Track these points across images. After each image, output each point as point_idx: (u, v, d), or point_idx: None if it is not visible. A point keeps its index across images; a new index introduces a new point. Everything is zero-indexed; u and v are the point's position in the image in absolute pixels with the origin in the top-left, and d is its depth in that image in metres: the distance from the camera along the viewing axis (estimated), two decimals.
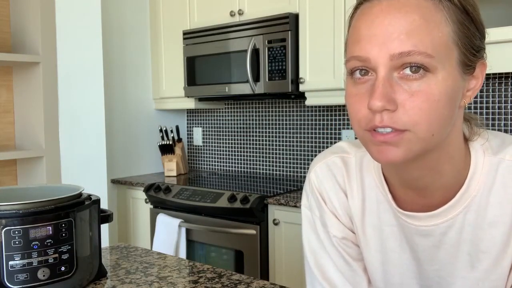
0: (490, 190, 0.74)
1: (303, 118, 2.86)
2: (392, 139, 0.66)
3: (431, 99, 0.64)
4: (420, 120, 0.64)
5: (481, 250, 0.76)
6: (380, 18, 0.65)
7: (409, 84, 0.65)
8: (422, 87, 0.64)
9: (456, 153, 0.74)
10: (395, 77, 0.65)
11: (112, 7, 3.00)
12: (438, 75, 0.65)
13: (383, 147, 0.67)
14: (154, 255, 1.36)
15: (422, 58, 0.63)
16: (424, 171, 0.74)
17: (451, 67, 0.66)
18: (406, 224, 0.80)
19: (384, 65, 0.65)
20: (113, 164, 3.01)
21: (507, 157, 0.74)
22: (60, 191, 1.13)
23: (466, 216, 0.76)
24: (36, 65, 2.28)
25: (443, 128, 0.67)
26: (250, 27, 2.59)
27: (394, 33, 0.64)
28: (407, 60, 0.64)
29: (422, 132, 0.65)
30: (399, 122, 0.65)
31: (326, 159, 0.90)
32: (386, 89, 0.64)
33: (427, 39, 0.64)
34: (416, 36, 0.63)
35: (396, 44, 0.64)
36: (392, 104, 0.64)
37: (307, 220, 0.92)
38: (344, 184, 0.87)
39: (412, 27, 0.64)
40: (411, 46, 0.63)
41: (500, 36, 1.81)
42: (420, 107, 0.64)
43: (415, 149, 0.67)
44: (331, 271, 0.89)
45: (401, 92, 0.65)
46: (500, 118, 2.22)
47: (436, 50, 0.64)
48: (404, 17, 0.64)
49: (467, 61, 0.68)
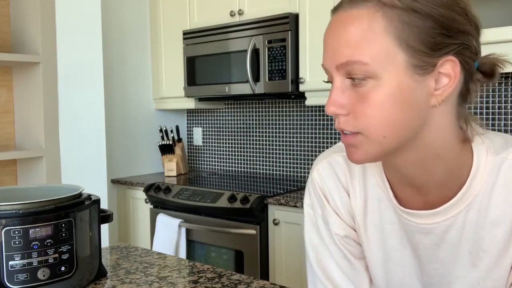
0: (492, 189, 0.75)
1: (303, 118, 2.86)
2: (351, 141, 0.72)
3: (373, 104, 0.68)
4: (368, 124, 0.69)
5: (482, 249, 0.76)
6: (330, 32, 0.72)
7: (356, 90, 0.70)
8: (366, 92, 0.69)
9: (445, 152, 0.74)
10: (348, 84, 0.70)
11: (112, 7, 3.00)
12: (380, 81, 0.68)
13: (348, 149, 0.74)
14: (154, 255, 1.36)
15: (359, 67, 0.68)
16: (416, 170, 0.75)
17: (396, 71, 0.67)
18: (407, 222, 0.80)
19: (335, 74, 0.71)
20: (113, 164, 3.01)
21: (510, 157, 0.74)
22: (60, 191, 1.13)
23: (468, 215, 0.76)
24: (36, 65, 2.28)
25: (397, 131, 0.69)
26: (250, 27, 2.59)
27: (337, 46, 0.70)
28: (348, 69, 0.69)
29: (372, 135, 0.70)
30: (350, 125, 0.71)
31: (328, 158, 0.90)
32: (336, 96, 0.70)
33: (364, 48, 0.67)
34: (352, 46, 0.68)
35: (338, 55, 0.70)
36: (342, 109, 0.70)
37: (309, 219, 0.93)
38: (346, 182, 0.88)
39: (350, 39, 0.68)
40: (347, 56, 0.68)
41: (500, 36, 1.81)
42: (365, 112, 0.69)
43: (372, 151, 0.71)
44: (333, 270, 0.89)
45: (351, 97, 0.70)
46: (500, 118, 2.22)
47: (374, 57, 0.67)
48: (345, 29, 0.69)
49: (419, 62, 0.67)
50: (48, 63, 2.28)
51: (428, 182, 0.76)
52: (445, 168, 0.75)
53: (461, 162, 0.76)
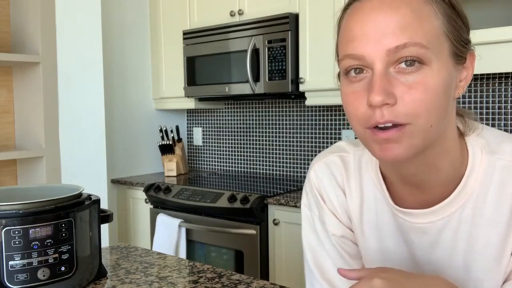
0: (487, 189, 0.75)
1: (303, 118, 2.86)
2: (394, 135, 0.66)
3: (428, 90, 0.65)
4: (420, 111, 0.65)
5: (476, 250, 0.76)
6: (372, 16, 0.67)
7: (406, 77, 0.66)
8: (419, 79, 0.65)
9: (452, 147, 0.75)
10: (392, 72, 0.66)
11: (112, 7, 3.00)
12: (433, 67, 0.66)
13: (385, 145, 0.67)
14: (154, 255, 1.36)
15: (418, 50, 0.65)
16: (421, 167, 0.74)
17: (444, 59, 0.67)
18: (403, 222, 0.80)
19: (381, 60, 0.66)
20: (113, 164, 3.01)
21: (506, 157, 0.74)
22: (60, 191, 1.13)
23: (463, 214, 0.76)
24: (36, 65, 2.28)
25: (441, 119, 0.69)
26: (250, 27, 2.59)
27: (388, 29, 0.65)
28: (403, 53, 0.65)
29: (422, 123, 0.66)
30: (400, 115, 0.65)
31: (325, 159, 0.90)
32: (384, 84, 0.65)
33: (420, 32, 0.65)
34: (409, 29, 0.65)
35: (391, 39, 0.65)
36: (391, 97, 0.65)
37: (307, 219, 0.93)
38: (343, 183, 0.88)
39: (404, 21, 0.65)
40: (406, 38, 0.65)
41: (499, 36, 1.81)
42: (419, 99, 0.65)
43: (416, 143, 0.67)
44: (330, 270, 0.89)
45: (398, 85, 0.66)
46: (500, 118, 2.22)
47: (429, 41, 0.66)
48: (395, 12, 0.65)
49: (458, 52, 0.70)
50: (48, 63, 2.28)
51: (431, 179, 0.76)
52: (450, 164, 0.75)
53: (461, 159, 0.76)
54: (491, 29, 1.83)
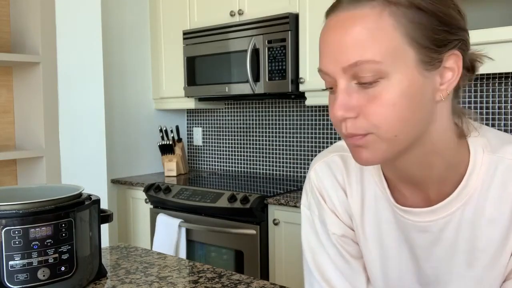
0: (488, 188, 0.75)
1: (303, 118, 2.86)
2: (359, 142, 0.70)
3: (385, 104, 0.67)
4: (379, 124, 0.68)
5: (478, 248, 0.76)
6: (331, 35, 0.70)
7: (365, 91, 0.68)
8: (376, 92, 0.67)
9: (445, 146, 0.74)
10: (353, 86, 0.69)
11: (112, 7, 3.00)
12: (392, 79, 0.67)
13: (356, 149, 0.72)
14: (154, 255, 1.36)
15: (370, 66, 0.66)
16: (415, 166, 0.75)
17: (406, 68, 0.67)
18: (404, 220, 0.81)
19: (340, 77, 0.69)
20: (113, 164, 3.01)
21: (507, 156, 0.74)
22: (60, 191, 1.13)
23: (464, 213, 0.76)
24: (36, 65, 2.28)
25: (408, 128, 0.69)
26: (250, 27, 2.59)
27: (342, 47, 0.68)
28: (357, 70, 0.67)
29: (383, 134, 0.69)
30: (360, 128, 0.69)
31: (325, 158, 0.90)
32: (344, 100, 0.69)
33: (374, 47, 0.66)
34: (360, 47, 0.67)
35: (344, 57, 0.68)
36: (351, 112, 0.68)
37: (307, 219, 0.93)
38: (343, 182, 0.88)
39: (356, 39, 0.67)
40: (357, 57, 0.67)
41: (500, 36, 1.81)
42: (377, 112, 0.67)
43: (383, 150, 0.70)
44: (330, 270, 0.89)
45: (359, 99, 0.68)
46: (500, 118, 2.22)
47: (384, 56, 0.66)
48: (349, 30, 0.67)
49: (427, 58, 0.68)
50: (48, 63, 2.28)
51: (427, 178, 0.76)
52: (444, 163, 0.75)
53: (459, 158, 0.76)
54: (491, 29, 1.83)
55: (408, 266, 0.84)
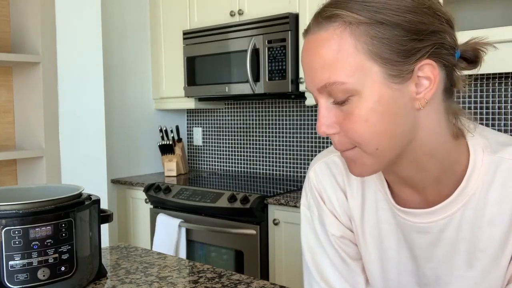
0: (488, 189, 0.75)
1: (303, 118, 2.86)
2: (349, 155, 0.73)
3: (359, 120, 0.69)
4: (357, 139, 0.70)
5: (478, 249, 0.76)
6: (305, 56, 0.73)
7: (341, 108, 0.71)
8: (350, 109, 0.69)
9: (437, 149, 0.74)
10: (331, 104, 0.71)
11: (112, 7, 3.00)
12: (362, 96, 0.68)
13: (349, 163, 0.75)
14: (154, 255, 1.36)
15: (338, 87, 0.68)
16: (411, 170, 0.76)
17: (374, 84, 0.68)
18: (404, 221, 0.81)
19: (318, 95, 0.72)
20: (113, 164, 3.01)
21: (507, 156, 0.74)
22: (60, 191, 1.13)
23: (464, 214, 0.76)
24: (36, 65, 2.28)
25: (388, 140, 0.70)
26: (250, 27, 2.59)
27: (312, 70, 0.71)
28: (329, 90, 0.70)
29: (365, 148, 0.71)
30: (344, 144, 0.72)
31: (325, 158, 0.90)
32: (324, 117, 0.72)
33: (338, 68, 0.68)
34: (327, 69, 0.69)
35: (316, 79, 0.71)
36: (332, 129, 0.72)
37: (306, 220, 0.93)
38: (343, 183, 0.88)
39: (323, 61, 0.69)
40: (325, 79, 0.69)
41: (500, 36, 1.81)
42: (352, 129, 0.70)
43: (369, 163, 0.72)
44: (329, 271, 0.89)
45: (338, 116, 0.71)
46: (500, 118, 2.22)
47: (349, 75, 0.67)
48: (316, 53, 0.70)
49: (394, 72, 0.67)
50: (48, 63, 2.28)
51: (423, 180, 0.76)
52: (438, 165, 0.75)
53: (455, 158, 0.76)
54: (491, 29, 1.82)
55: (408, 267, 0.84)
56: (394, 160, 0.73)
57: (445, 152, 0.75)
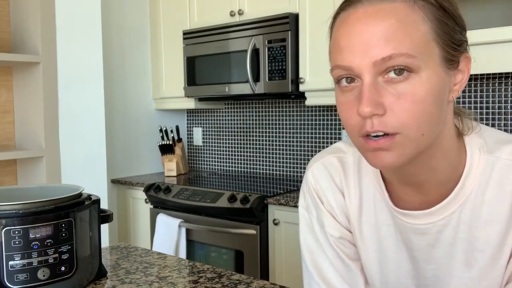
0: (485, 188, 0.75)
1: (303, 118, 2.86)
2: (384, 144, 0.67)
3: (417, 100, 0.65)
4: (409, 121, 0.66)
5: (476, 249, 0.76)
6: (357, 26, 0.67)
7: (394, 87, 0.66)
8: (408, 88, 0.65)
9: (450, 148, 0.75)
10: (380, 82, 0.67)
11: (112, 7, 3.00)
12: (422, 75, 0.66)
13: (377, 153, 0.68)
14: (154, 255, 1.36)
15: (404, 60, 0.65)
16: (419, 169, 0.74)
17: (434, 65, 0.67)
18: (402, 223, 0.80)
19: (368, 72, 0.66)
20: (113, 164, 3.01)
21: (504, 156, 0.74)
22: (60, 191, 1.13)
23: (462, 214, 0.76)
24: (36, 65, 2.28)
25: (433, 126, 0.68)
26: (250, 27, 2.59)
27: (373, 40, 0.65)
28: (389, 64, 0.65)
29: (412, 133, 0.67)
30: (389, 125, 0.66)
31: (323, 159, 0.90)
32: (372, 95, 0.66)
33: (407, 41, 0.65)
34: (395, 39, 0.65)
35: (376, 51, 0.65)
36: (380, 108, 0.66)
37: (304, 220, 0.93)
38: (341, 183, 0.88)
39: (390, 31, 0.65)
40: (391, 50, 0.65)
41: (500, 36, 1.81)
42: (407, 109, 0.65)
43: (408, 152, 0.68)
44: (328, 271, 0.89)
45: (387, 95, 0.66)
46: (500, 118, 2.22)
47: (417, 50, 0.65)
48: (381, 22, 0.65)
49: (450, 56, 0.69)
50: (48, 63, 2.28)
51: (429, 180, 0.76)
52: (447, 164, 0.75)
53: (458, 159, 0.76)
54: (490, 29, 1.83)
55: (407, 268, 0.84)
56: (422, 152, 0.70)
57: (453, 152, 0.75)
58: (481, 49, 1.83)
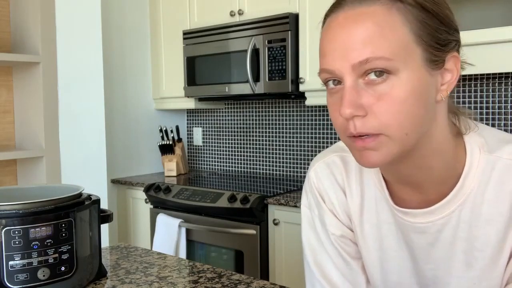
0: (485, 188, 0.75)
1: (303, 118, 2.86)
2: (370, 144, 0.69)
3: (397, 101, 0.67)
4: (390, 122, 0.67)
5: (476, 248, 0.76)
6: (338, 31, 0.69)
7: (374, 88, 0.67)
8: (387, 90, 0.67)
9: (444, 147, 0.75)
10: (361, 84, 0.68)
11: (112, 7, 3.00)
12: (401, 76, 0.67)
13: (363, 152, 0.70)
14: (154, 255, 1.36)
15: (381, 63, 0.66)
16: (414, 168, 0.75)
17: (415, 66, 0.67)
18: (402, 221, 0.81)
19: (348, 74, 0.68)
20: (113, 164, 3.01)
21: (505, 156, 0.74)
22: (60, 191, 1.13)
23: (462, 213, 0.76)
24: (36, 65, 2.28)
25: (417, 126, 0.69)
26: (250, 27, 2.59)
27: (352, 44, 0.67)
28: (367, 67, 0.66)
29: (395, 133, 0.68)
30: (370, 127, 0.67)
31: (325, 158, 0.91)
32: (352, 97, 0.67)
33: (384, 44, 0.66)
34: (372, 42, 0.66)
35: (354, 54, 0.67)
36: (360, 110, 0.67)
37: (306, 219, 0.93)
38: (343, 182, 0.88)
39: (367, 34, 0.66)
40: (368, 53, 0.66)
41: (499, 36, 1.81)
42: (387, 110, 0.67)
43: (394, 151, 0.69)
44: (330, 270, 0.89)
45: (368, 97, 0.67)
46: (500, 118, 2.22)
47: (394, 52, 0.66)
48: (359, 27, 0.67)
49: (433, 57, 0.69)
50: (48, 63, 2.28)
51: (426, 179, 0.76)
52: (443, 163, 0.75)
53: (457, 158, 0.76)
54: (490, 29, 1.83)
55: (407, 267, 0.84)
56: (409, 151, 0.71)
57: (449, 150, 0.75)
58: (481, 49, 1.83)
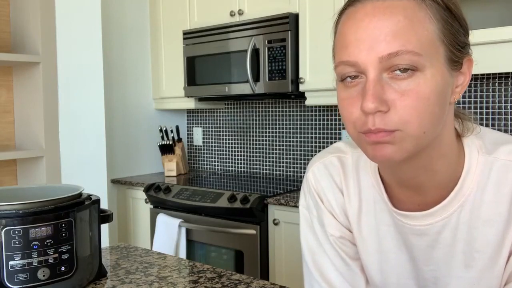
0: (484, 189, 0.75)
1: (303, 118, 2.86)
2: (386, 138, 0.67)
3: (421, 97, 0.65)
4: (411, 118, 0.65)
5: (475, 249, 0.76)
6: (365, 21, 0.66)
7: (398, 83, 0.66)
8: (412, 86, 0.65)
9: (449, 150, 0.75)
10: (385, 78, 0.66)
11: (112, 7, 3.00)
12: (427, 73, 0.66)
13: (377, 145, 0.68)
14: (154, 255, 1.36)
15: (410, 57, 0.64)
16: (418, 170, 0.74)
17: (439, 64, 0.67)
18: (401, 224, 0.80)
19: (374, 67, 0.66)
20: (113, 164, 3.01)
21: (502, 156, 0.74)
22: (60, 191, 1.13)
23: (461, 215, 0.76)
24: (36, 65, 2.28)
25: (434, 126, 0.68)
26: (250, 27, 2.59)
27: (381, 36, 0.65)
28: (395, 61, 0.65)
29: (413, 130, 0.66)
30: (390, 123, 0.66)
31: (323, 159, 0.90)
32: (377, 91, 0.65)
33: (414, 38, 0.65)
34: (402, 36, 0.64)
35: (383, 46, 0.65)
36: (384, 105, 0.65)
37: (305, 220, 0.93)
38: (341, 183, 0.88)
39: (397, 27, 0.65)
40: (398, 46, 0.64)
41: (500, 36, 1.81)
42: (410, 106, 0.65)
43: (408, 147, 0.68)
44: (329, 270, 0.89)
45: (391, 92, 0.66)
46: (500, 118, 2.22)
47: (423, 48, 0.65)
48: (389, 18, 0.65)
49: (454, 57, 0.69)
50: (48, 63, 2.28)
51: (428, 182, 0.76)
52: (446, 167, 0.75)
53: (458, 161, 0.76)
54: (491, 29, 1.83)
55: (407, 269, 0.84)
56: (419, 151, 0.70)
57: (453, 153, 0.75)
58: (481, 49, 1.83)
